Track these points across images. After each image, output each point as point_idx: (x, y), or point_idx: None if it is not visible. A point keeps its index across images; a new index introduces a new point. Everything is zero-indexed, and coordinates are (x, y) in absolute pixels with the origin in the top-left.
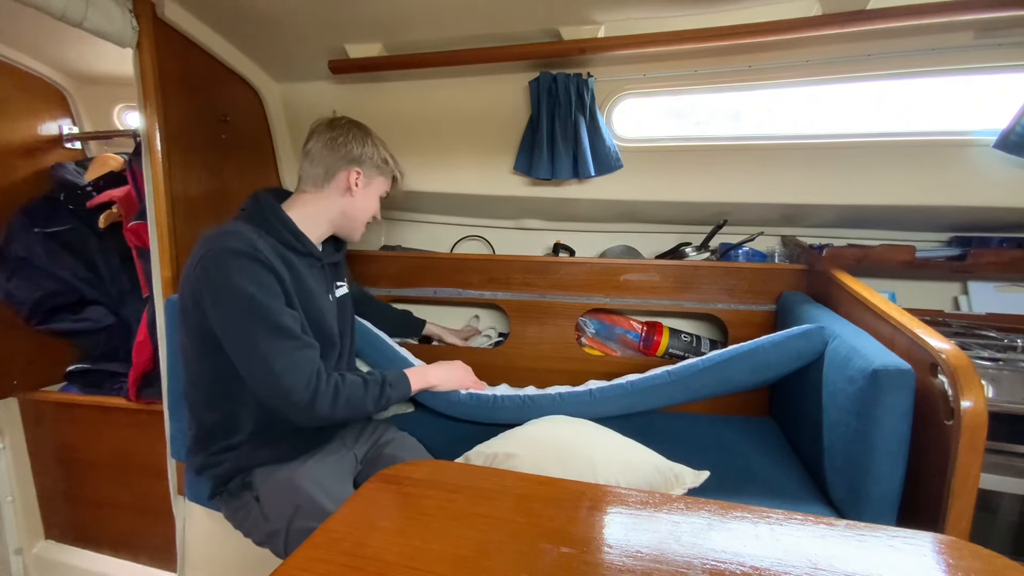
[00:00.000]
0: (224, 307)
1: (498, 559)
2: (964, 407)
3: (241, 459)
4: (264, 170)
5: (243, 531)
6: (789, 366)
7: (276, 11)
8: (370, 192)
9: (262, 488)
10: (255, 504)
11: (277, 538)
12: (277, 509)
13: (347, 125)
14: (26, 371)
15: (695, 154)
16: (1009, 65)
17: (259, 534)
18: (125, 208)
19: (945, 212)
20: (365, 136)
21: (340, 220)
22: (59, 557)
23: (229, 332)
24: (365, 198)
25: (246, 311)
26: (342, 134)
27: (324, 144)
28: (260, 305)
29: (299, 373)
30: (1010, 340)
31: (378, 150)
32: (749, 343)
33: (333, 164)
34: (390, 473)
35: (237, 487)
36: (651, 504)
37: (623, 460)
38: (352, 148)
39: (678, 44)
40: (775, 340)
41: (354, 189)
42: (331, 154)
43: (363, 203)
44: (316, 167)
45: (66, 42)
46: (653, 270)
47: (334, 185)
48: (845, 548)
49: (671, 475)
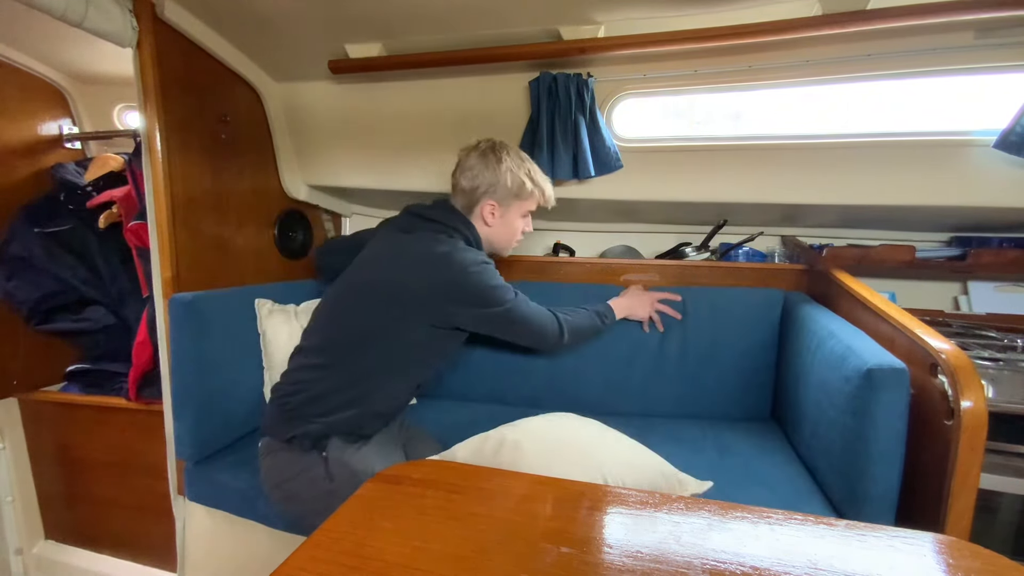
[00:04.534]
0: (480, 305)
1: (498, 559)
2: (964, 407)
3: (333, 426)
4: (264, 170)
5: (283, 487)
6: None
7: (276, 11)
8: (508, 219)
9: (333, 452)
10: (322, 463)
11: (334, 497)
12: (344, 471)
13: (481, 152)
14: (26, 371)
15: (695, 154)
16: (1009, 65)
17: (310, 492)
18: (125, 208)
19: (945, 212)
20: (498, 162)
21: (488, 247)
22: (59, 557)
23: (486, 320)
24: (504, 225)
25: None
26: (476, 163)
27: (464, 176)
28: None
29: (546, 320)
30: (1010, 340)
31: (512, 174)
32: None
33: (472, 198)
34: (390, 473)
35: (311, 444)
36: (651, 504)
37: (629, 462)
38: (485, 179)
39: (678, 44)
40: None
41: (491, 219)
42: (471, 186)
43: (502, 231)
44: (460, 199)
45: (66, 42)
46: (653, 270)
47: (475, 216)
48: (845, 548)
49: (675, 481)
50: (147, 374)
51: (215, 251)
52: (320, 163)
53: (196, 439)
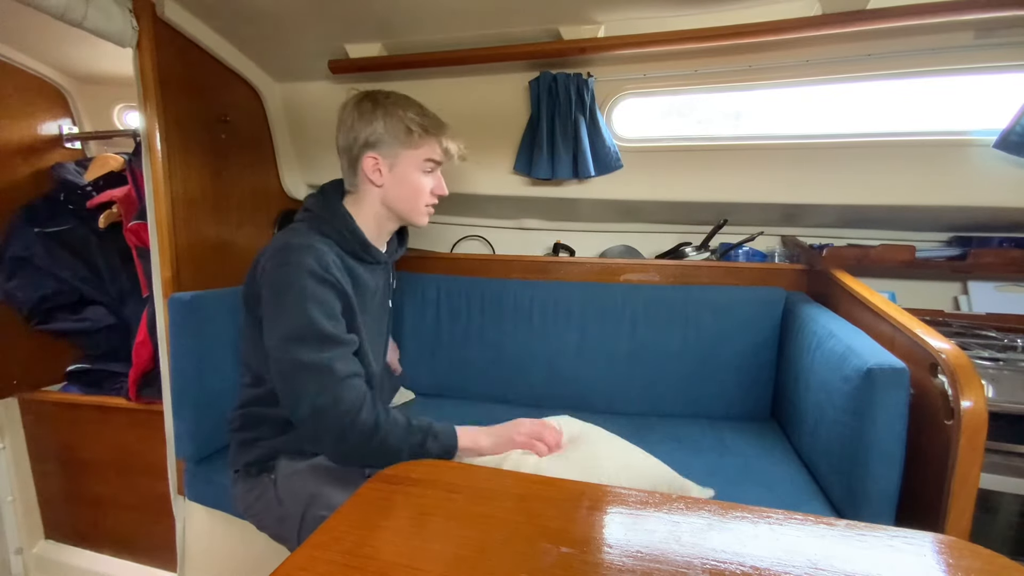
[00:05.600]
0: (280, 320)
1: (498, 559)
2: (964, 407)
3: (278, 447)
4: (264, 170)
5: (251, 513)
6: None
7: (276, 11)
8: (401, 174)
9: (281, 474)
10: (271, 487)
11: (287, 522)
12: (291, 495)
13: (354, 103)
14: (26, 371)
15: (695, 154)
16: (1009, 65)
17: (269, 517)
18: (125, 208)
19: (945, 212)
20: (374, 109)
21: (387, 213)
22: (59, 557)
23: (275, 348)
24: (399, 182)
25: (299, 335)
26: (348, 116)
27: (341, 133)
28: (316, 330)
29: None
30: (1010, 340)
31: (390, 119)
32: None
33: (351, 155)
34: (390, 473)
35: (258, 469)
36: (651, 504)
37: (631, 466)
38: (360, 131)
39: (678, 44)
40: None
41: (378, 177)
42: (346, 143)
43: (398, 190)
44: (342, 161)
45: (66, 42)
46: (653, 270)
47: (361, 178)
48: (845, 548)
49: (678, 487)
50: (147, 374)
51: (215, 251)
52: (320, 163)
53: (196, 439)
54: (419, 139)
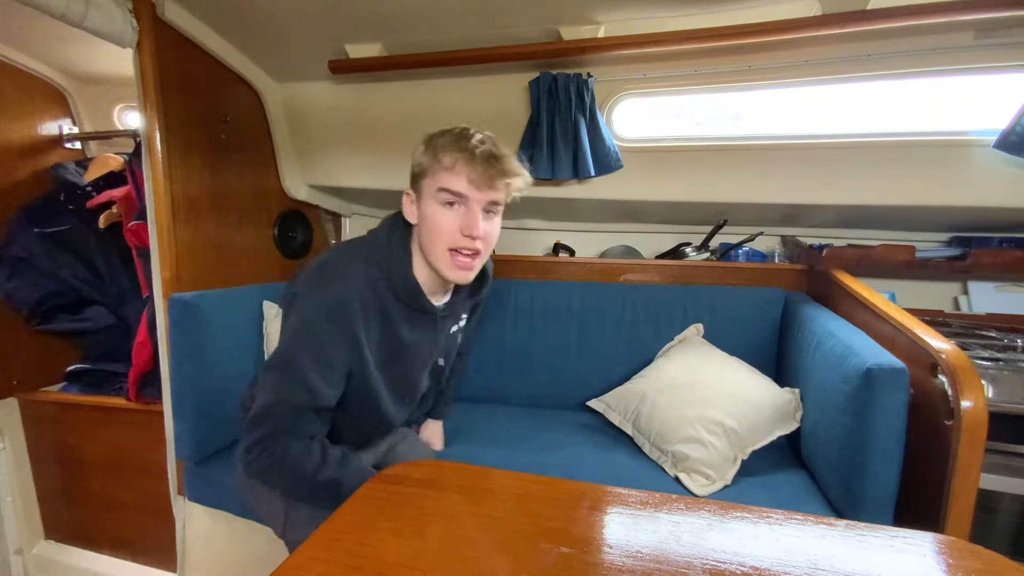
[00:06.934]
0: (283, 337)
1: (498, 559)
2: (964, 407)
3: None
4: (264, 170)
5: (250, 504)
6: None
7: (276, 11)
8: (423, 209)
9: None
10: (279, 499)
11: (276, 518)
12: (298, 514)
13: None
14: (26, 371)
15: (695, 154)
16: (1009, 65)
17: (263, 509)
18: (125, 208)
19: (945, 212)
20: (416, 150)
21: (427, 260)
22: (59, 557)
23: (270, 356)
24: (422, 220)
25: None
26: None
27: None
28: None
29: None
30: (1010, 340)
31: (427, 147)
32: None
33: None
34: (390, 473)
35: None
36: (651, 504)
37: (746, 399)
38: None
39: (678, 44)
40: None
41: (412, 215)
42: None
43: (422, 227)
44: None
45: (66, 42)
46: (653, 270)
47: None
48: (845, 548)
49: (789, 408)
50: (147, 374)
51: (215, 251)
52: (320, 163)
53: (196, 439)
54: (429, 165)
